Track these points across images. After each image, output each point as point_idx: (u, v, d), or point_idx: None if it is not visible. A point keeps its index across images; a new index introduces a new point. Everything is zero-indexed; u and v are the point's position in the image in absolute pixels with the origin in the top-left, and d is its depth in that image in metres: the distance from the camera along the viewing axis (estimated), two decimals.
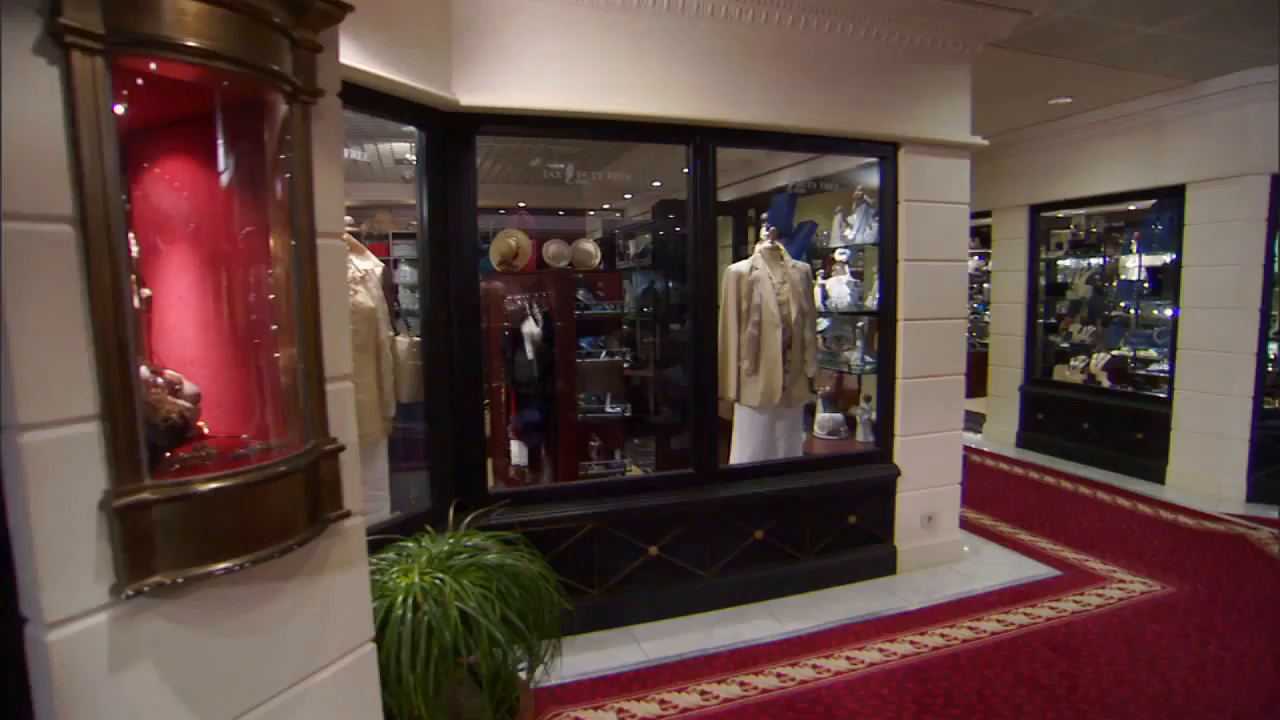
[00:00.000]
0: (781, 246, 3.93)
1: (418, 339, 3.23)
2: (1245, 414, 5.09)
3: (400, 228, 7.60)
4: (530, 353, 4.29)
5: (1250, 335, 5.04)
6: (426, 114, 3.00)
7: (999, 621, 3.55)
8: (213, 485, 1.34)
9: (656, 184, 6.71)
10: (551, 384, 4.26)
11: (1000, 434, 7.13)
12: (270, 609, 1.54)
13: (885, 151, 3.87)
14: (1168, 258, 5.63)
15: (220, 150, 1.58)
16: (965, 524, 4.88)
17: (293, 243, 1.53)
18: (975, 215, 7.07)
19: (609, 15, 3.28)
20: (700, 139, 3.50)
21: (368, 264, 3.16)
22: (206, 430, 1.60)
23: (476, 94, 3.09)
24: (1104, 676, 3.07)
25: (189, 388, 1.55)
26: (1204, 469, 5.33)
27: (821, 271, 4.66)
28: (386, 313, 3.19)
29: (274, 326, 1.59)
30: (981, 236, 8.45)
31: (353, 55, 2.46)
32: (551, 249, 6.62)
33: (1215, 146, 5.13)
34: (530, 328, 4.30)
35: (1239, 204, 5.04)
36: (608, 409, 4.40)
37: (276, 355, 1.59)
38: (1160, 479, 5.61)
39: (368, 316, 3.07)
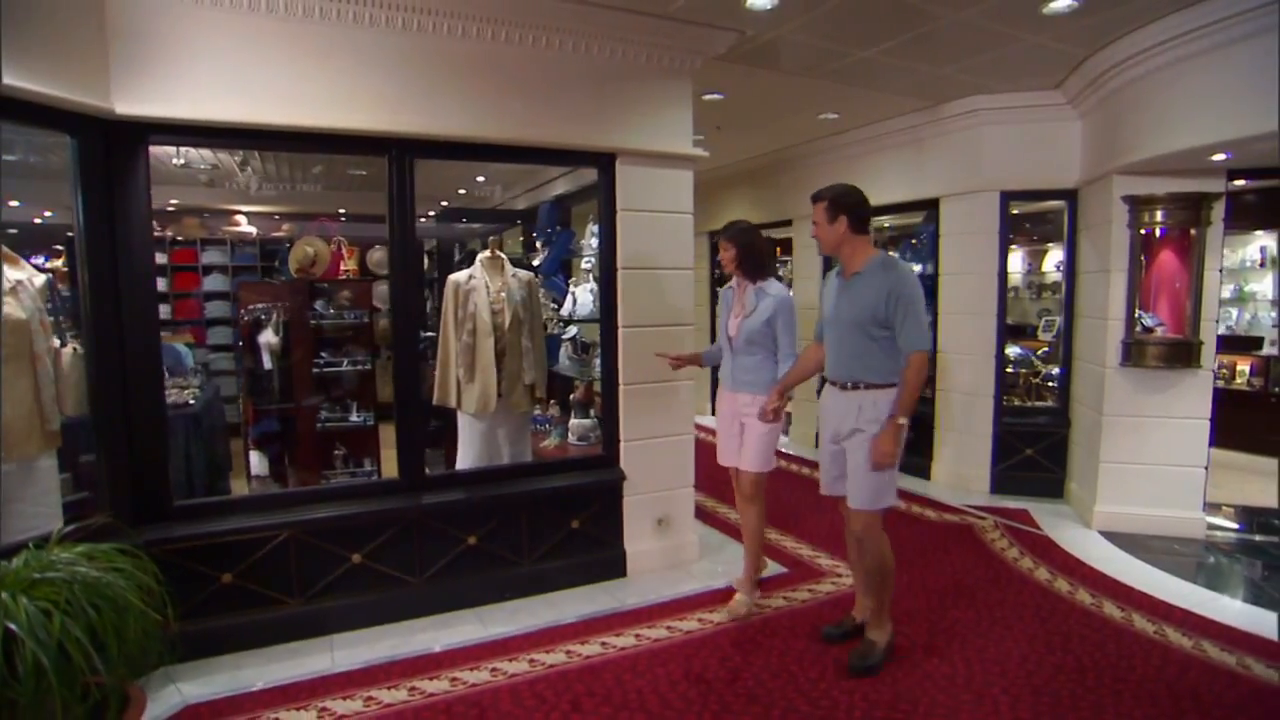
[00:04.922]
0: (503, 256, 3.99)
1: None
2: (989, 412, 5.45)
3: (209, 233, 7.40)
4: (268, 362, 4.24)
5: (990, 338, 5.41)
6: (78, 122, 2.93)
7: (699, 621, 3.67)
8: None
9: (462, 191, 6.72)
10: (289, 394, 4.22)
11: (803, 435, 7.37)
12: None
13: (602, 162, 3.96)
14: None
15: None
16: (722, 524, 5.06)
17: None
18: (779, 224, 7.35)
19: (290, 26, 3.27)
20: (398, 151, 3.52)
21: (22, 274, 3.07)
22: None
23: (141, 103, 3.03)
24: (767, 668, 3.21)
25: None
26: (959, 465, 5.68)
27: (573, 280, 4.75)
28: (46, 324, 3.09)
29: None
30: None
31: None
32: (376, 255, 6.55)
33: (958, 164, 5.49)
34: (268, 337, 4.25)
35: (978, 217, 5.40)
36: (352, 417, 4.38)
37: None
38: (928, 475, 5.94)
39: (17, 328, 2.98)
